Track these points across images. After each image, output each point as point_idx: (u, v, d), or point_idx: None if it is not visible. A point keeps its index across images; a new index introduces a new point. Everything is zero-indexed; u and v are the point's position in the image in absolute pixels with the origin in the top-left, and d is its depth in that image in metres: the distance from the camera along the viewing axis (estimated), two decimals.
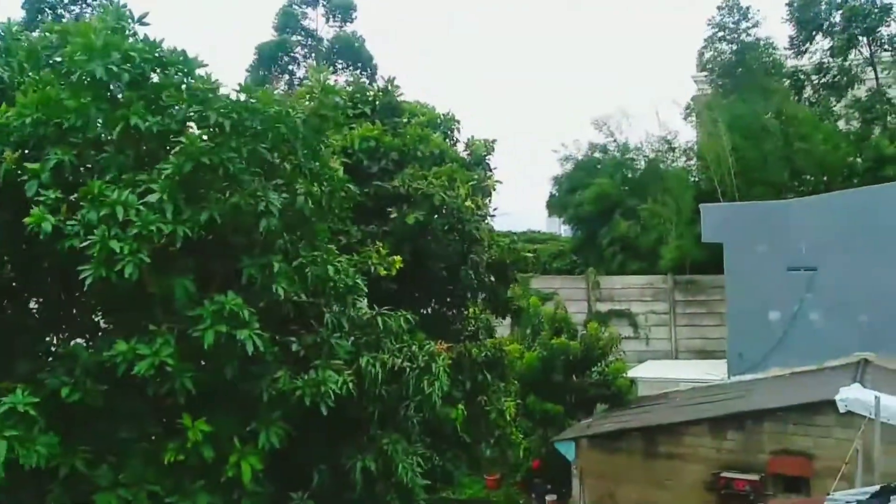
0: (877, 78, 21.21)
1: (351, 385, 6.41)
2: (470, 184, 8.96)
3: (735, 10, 23.06)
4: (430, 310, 10.07)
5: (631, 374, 14.99)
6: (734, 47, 22.88)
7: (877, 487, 7.06)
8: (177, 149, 5.84)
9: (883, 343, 13.22)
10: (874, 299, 13.55)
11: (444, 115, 10.24)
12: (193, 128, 6.33)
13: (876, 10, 20.83)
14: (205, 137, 6.09)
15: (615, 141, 24.39)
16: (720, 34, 23.23)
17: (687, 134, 25.11)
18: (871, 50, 21.39)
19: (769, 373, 13.81)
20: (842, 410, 10.10)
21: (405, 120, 9.83)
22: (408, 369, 7.22)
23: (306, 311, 6.86)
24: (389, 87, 9.96)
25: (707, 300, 19.62)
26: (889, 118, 20.64)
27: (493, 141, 10.36)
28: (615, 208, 22.64)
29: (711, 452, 11.08)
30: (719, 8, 23.22)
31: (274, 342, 6.28)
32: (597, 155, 24.58)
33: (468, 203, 8.86)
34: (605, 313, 20.28)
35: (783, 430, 10.73)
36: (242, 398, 6.33)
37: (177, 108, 6.19)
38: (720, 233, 15.23)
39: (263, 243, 6.40)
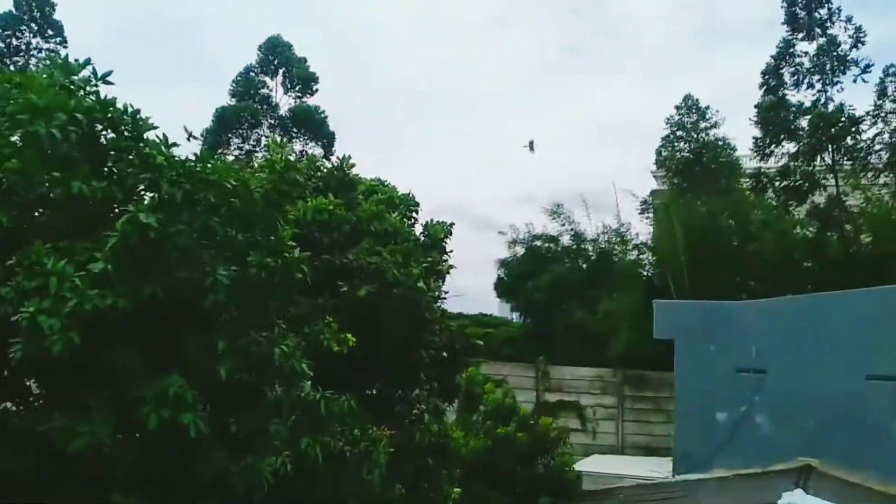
0: (837, 185, 21.97)
1: (289, 468, 6.18)
2: (424, 265, 8.90)
3: (693, 110, 23.94)
4: (375, 390, 9.83)
5: (577, 467, 14.77)
6: (692, 146, 23.62)
7: None
8: (124, 218, 5.64)
9: (828, 450, 13.29)
10: (820, 405, 13.67)
11: (403, 195, 10.26)
12: (143, 195, 6.16)
13: (844, 120, 21.62)
14: (154, 207, 5.89)
15: (570, 229, 24.77)
16: (678, 133, 24.02)
17: (642, 227, 25.72)
18: (833, 158, 22.04)
19: (714, 473, 13.72)
20: None
21: (360, 195, 9.81)
22: (348, 453, 7.01)
23: (247, 391, 6.63)
24: (344, 164, 9.95)
25: (655, 396, 19.69)
26: (846, 226, 21.33)
27: (451, 224, 10.37)
28: (568, 297, 22.80)
29: None
30: (677, 107, 24.10)
31: (213, 423, 6.03)
32: (547, 244, 24.85)
33: (421, 284, 8.78)
34: (554, 403, 20.21)
35: None
36: (182, 479, 6.08)
37: (125, 172, 6.02)
38: (671, 329, 15.30)
39: (207, 319, 6.19)
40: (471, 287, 25.24)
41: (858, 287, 16.60)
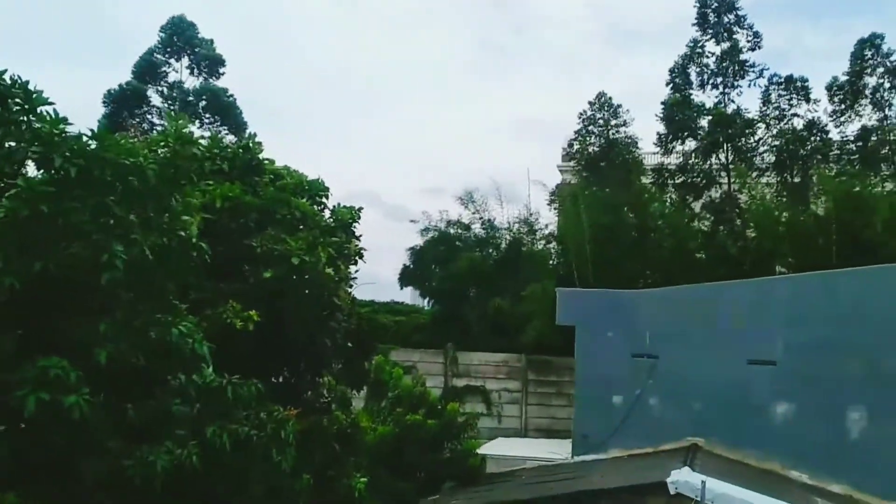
0: (729, 183, 23.22)
1: (195, 458, 6.05)
2: (332, 249, 8.89)
3: (605, 107, 24.75)
4: (282, 378, 9.81)
5: (482, 450, 15.17)
6: (601, 142, 24.31)
7: None
8: (12, 192, 5.40)
9: (713, 430, 14.23)
10: (706, 389, 14.58)
11: (312, 180, 10.16)
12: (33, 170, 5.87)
13: (740, 121, 22.91)
14: (46, 183, 5.62)
15: (482, 217, 25.12)
16: (590, 128, 24.69)
17: (552, 218, 26.30)
18: (727, 157, 23.33)
19: (610, 454, 14.43)
20: (672, 492, 10.64)
21: (267, 180, 9.67)
22: (255, 437, 6.96)
23: (147, 377, 6.44)
24: (251, 145, 9.74)
25: (558, 381, 20.41)
26: (736, 221, 22.59)
27: (360, 209, 10.34)
28: (479, 284, 23.17)
29: None
30: (591, 103, 24.81)
31: (107, 410, 5.82)
32: (458, 231, 25.12)
33: (329, 270, 8.79)
34: (462, 389, 20.62)
35: None
36: (71, 473, 5.80)
37: (14, 146, 5.73)
38: (573, 316, 15.90)
39: (102, 300, 5.98)
40: (384, 275, 25.32)
41: (744, 278, 17.80)
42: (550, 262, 24.14)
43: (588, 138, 24.60)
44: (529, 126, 64.76)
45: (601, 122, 24.48)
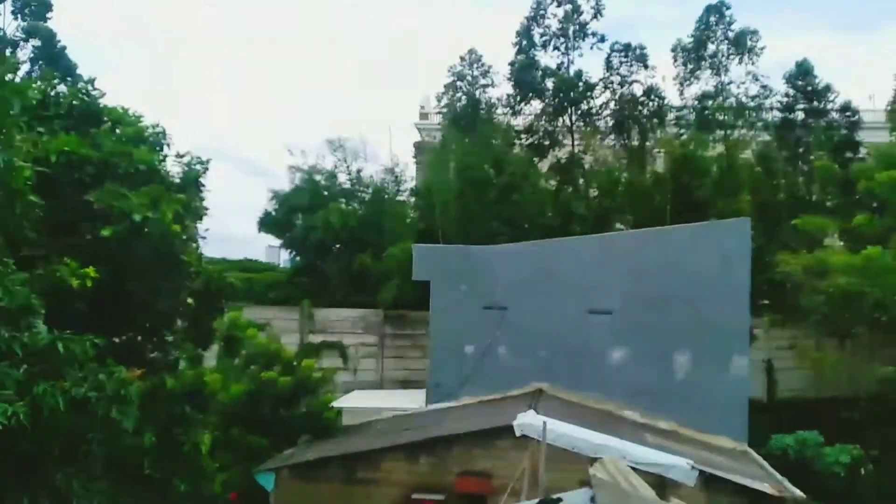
0: (573, 145, 24.31)
1: (23, 416, 5.75)
2: (178, 205, 8.52)
3: (475, 65, 24.89)
4: (125, 337, 9.40)
5: (338, 404, 15.32)
6: (468, 99, 24.40)
7: (536, 501, 8.09)
8: None
9: (556, 375, 15.19)
10: (550, 337, 15.51)
11: (152, 126, 9.56)
12: None
13: (582, 85, 23.83)
14: None
15: (348, 168, 24.63)
16: (458, 83, 24.73)
17: (413, 174, 26.26)
18: (572, 119, 24.28)
19: (462, 401, 15.05)
20: (518, 434, 11.32)
21: (107, 127, 9.04)
22: (94, 399, 6.68)
23: None
24: (89, 90, 9.05)
25: (413, 334, 20.83)
26: (580, 181, 23.69)
27: (208, 160, 9.92)
28: (344, 239, 22.81)
29: (405, 476, 11.72)
30: (462, 58, 24.82)
31: None
32: (326, 181, 24.35)
33: (175, 226, 8.43)
34: (318, 344, 20.57)
35: (469, 453, 11.76)
36: None
37: None
38: (428, 272, 16.26)
39: None
40: (238, 232, 24.30)
41: (587, 234, 18.92)
42: (414, 217, 24.19)
43: (455, 94, 24.68)
44: (394, 82, 64.17)
45: (470, 78, 24.63)
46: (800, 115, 23.98)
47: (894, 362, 17.37)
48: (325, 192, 23.90)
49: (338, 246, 23.06)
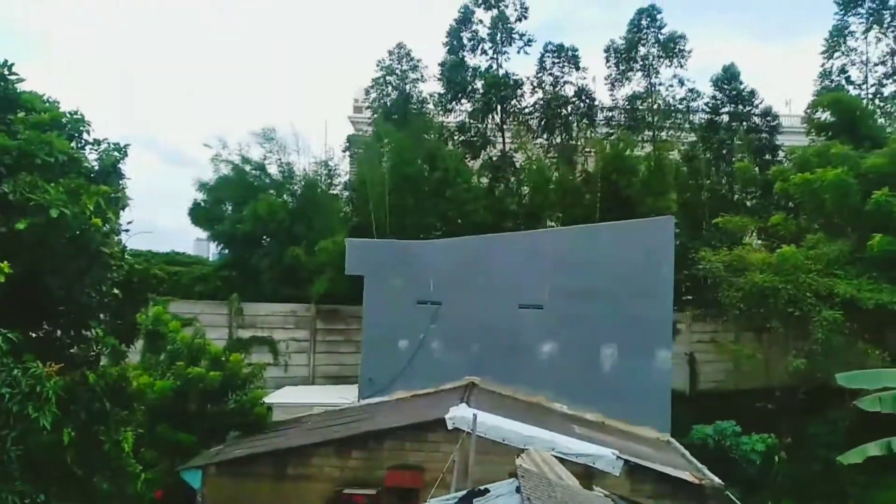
0: (504, 143, 24.59)
1: None
2: (99, 197, 8.17)
3: (405, 59, 24.75)
4: (42, 332, 9.02)
5: (268, 400, 15.13)
6: (398, 94, 24.27)
7: (464, 492, 8.19)
8: None
9: (488, 369, 15.43)
10: (483, 331, 15.71)
11: (70, 113, 9.12)
12: None
13: (510, 84, 24.08)
14: None
15: (279, 159, 24.15)
16: (388, 78, 24.54)
17: (346, 168, 25.89)
18: (503, 118, 24.56)
19: (394, 396, 15.10)
20: (449, 427, 11.47)
21: (22, 116, 8.60)
22: (8, 395, 6.43)
23: None
24: (4, 75, 8.58)
25: (346, 329, 20.73)
26: (512, 179, 23.96)
27: (126, 146, 9.48)
28: (274, 232, 22.34)
29: (336, 471, 11.72)
30: (390, 53, 24.63)
31: None
32: (256, 171, 23.57)
33: (96, 220, 8.10)
34: (247, 340, 20.22)
35: (401, 447, 11.81)
36: None
37: None
38: (362, 266, 16.21)
39: None
40: (166, 225, 23.48)
41: (519, 231, 19.22)
42: (348, 211, 23.94)
43: (385, 88, 24.58)
44: (324, 77, 63.36)
45: (399, 73, 24.55)
46: (724, 118, 24.91)
47: (806, 355, 18.22)
48: (254, 183, 23.23)
49: (267, 238, 22.56)
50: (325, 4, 63.69)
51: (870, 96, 24.47)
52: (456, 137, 24.67)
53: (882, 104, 24.30)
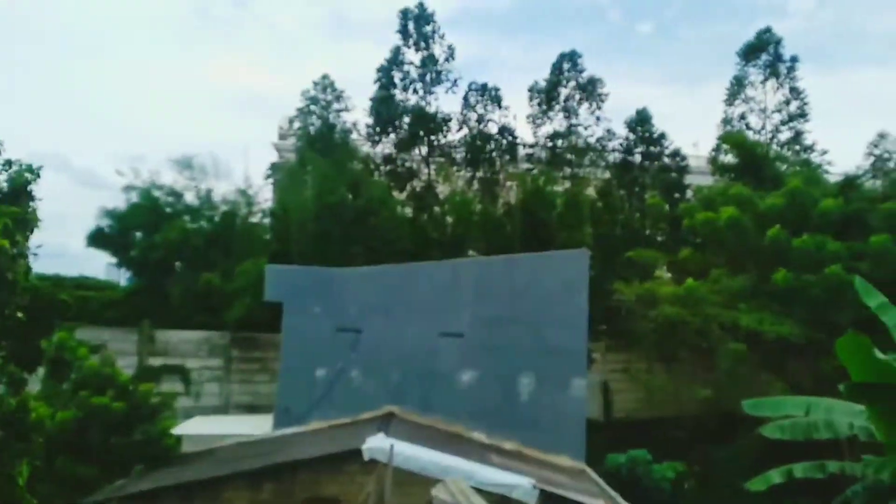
0: (429, 175, 24.92)
1: None
2: (8, 218, 7.85)
3: (329, 90, 24.87)
4: None
5: (178, 431, 14.56)
6: (322, 123, 24.37)
7: None
8: None
9: (408, 398, 15.36)
10: (403, 360, 15.67)
11: None
12: None
13: (437, 120, 24.65)
14: None
15: (196, 187, 23.61)
16: (312, 107, 24.60)
17: (268, 195, 25.66)
18: (429, 151, 25.03)
19: (311, 426, 14.80)
20: (366, 458, 11.28)
21: None
22: None
23: None
24: None
25: (263, 357, 20.29)
26: (436, 209, 24.24)
27: (39, 168, 9.19)
28: (187, 258, 21.80)
29: None
30: (315, 83, 24.75)
31: None
32: (168, 198, 23.17)
33: (3, 241, 7.75)
34: (158, 368, 19.50)
35: (316, 479, 11.55)
36: None
37: None
38: (281, 292, 15.94)
39: None
40: (76, 248, 22.59)
41: (441, 260, 19.34)
42: (268, 238, 23.64)
43: (309, 117, 24.61)
44: (247, 103, 62.63)
45: (323, 103, 24.62)
46: (637, 158, 26.14)
47: (713, 385, 19.01)
48: (168, 210, 22.75)
49: (179, 264, 21.97)
50: (251, 31, 63.08)
51: (767, 142, 26.21)
52: (382, 168, 24.91)
53: (778, 149, 26.04)
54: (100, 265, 28.88)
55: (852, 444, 13.49)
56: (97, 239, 22.49)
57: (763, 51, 27.15)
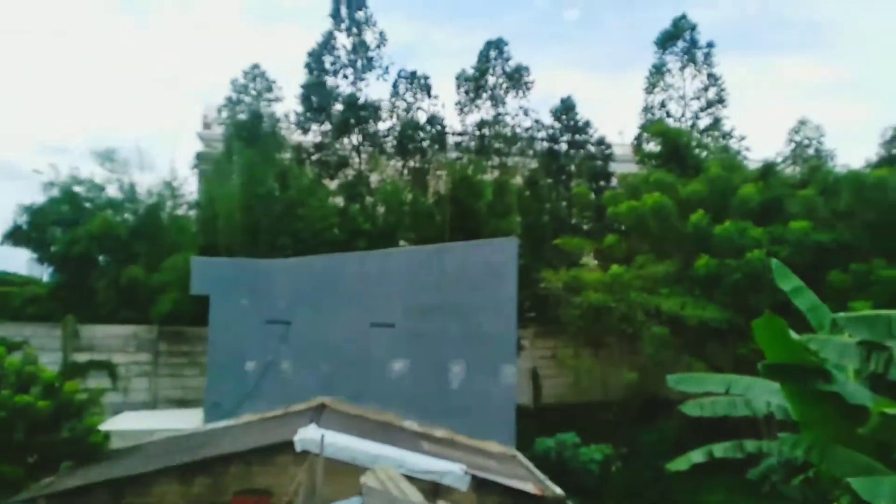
0: (360, 164, 24.86)
1: None
2: None
3: (259, 79, 24.30)
4: None
5: (105, 426, 14.34)
6: (251, 112, 23.82)
7: None
8: None
9: (339, 388, 15.51)
10: (334, 351, 15.79)
11: None
12: None
13: (368, 107, 24.42)
14: None
15: (118, 179, 22.94)
16: (241, 97, 24.03)
17: (194, 186, 25.09)
18: (359, 140, 24.82)
19: (242, 419, 14.80)
20: (298, 449, 11.42)
21: None
22: None
23: None
24: None
25: (191, 351, 20.01)
26: (367, 199, 24.23)
27: None
28: (111, 252, 21.22)
29: (179, 499, 11.36)
30: (245, 73, 24.17)
31: None
32: (89, 193, 22.39)
33: None
34: (84, 364, 19.02)
35: (247, 471, 11.66)
36: None
37: None
38: (208, 285, 15.77)
39: None
40: None
41: (371, 250, 19.45)
42: (195, 231, 23.12)
43: (238, 106, 24.14)
44: (172, 91, 60.67)
45: (254, 92, 24.20)
46: (563, 146, 26.63)
47: (638, 369, 19.70)
48: (89, 204, 22.10)
49: (102, 258, 21.38)
50: (175, 14, 61.12)
51: (689, 129, 27.01)
52: (313, 157, 24.66)
53: (698, 136, 26.88)
54: (21, 261, 27.70)
55: (769, 421, 14.01)
56: (15, 236, 21.73)
57: (679, 38, 27.53)
